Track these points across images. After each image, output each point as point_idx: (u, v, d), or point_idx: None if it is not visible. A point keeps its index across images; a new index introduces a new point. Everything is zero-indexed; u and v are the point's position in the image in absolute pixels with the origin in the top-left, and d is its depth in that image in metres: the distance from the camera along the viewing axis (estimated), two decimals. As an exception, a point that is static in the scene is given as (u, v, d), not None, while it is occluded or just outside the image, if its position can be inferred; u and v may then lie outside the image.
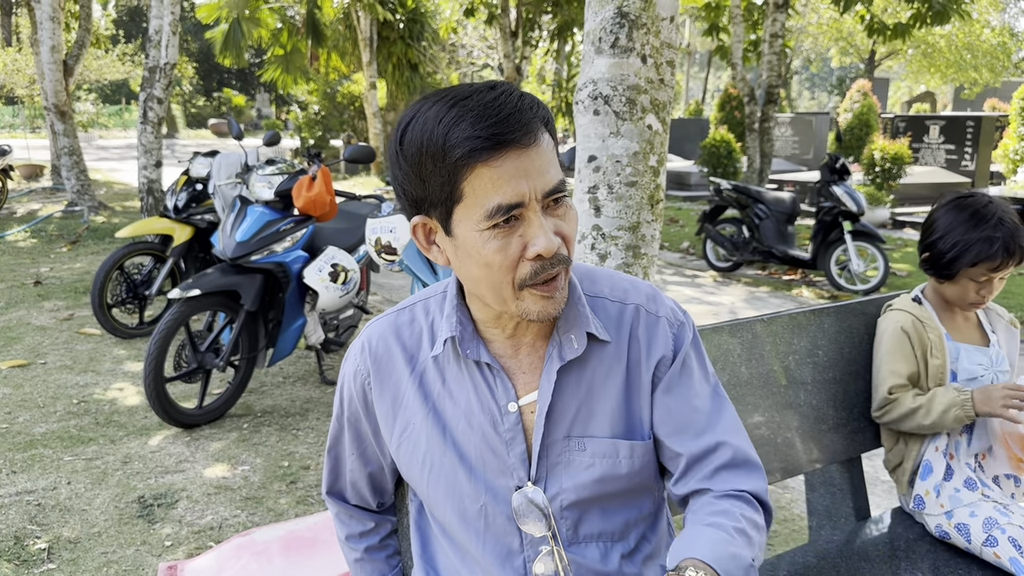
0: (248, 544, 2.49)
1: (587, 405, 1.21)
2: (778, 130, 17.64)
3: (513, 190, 1.04)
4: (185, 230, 5.44)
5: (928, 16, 11.49)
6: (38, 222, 10.37)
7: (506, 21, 15.22)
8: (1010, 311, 6.63)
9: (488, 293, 1.12)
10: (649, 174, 2.42)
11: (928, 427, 1.93)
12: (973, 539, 1.89)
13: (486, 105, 1.03)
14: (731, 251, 8.41)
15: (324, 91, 21.44)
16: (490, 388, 1.21)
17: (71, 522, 3.05)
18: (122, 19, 39.63)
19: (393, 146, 1.11)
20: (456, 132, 1.02)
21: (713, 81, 44.51)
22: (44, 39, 10.63)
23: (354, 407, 1.32)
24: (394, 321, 1.29)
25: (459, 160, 1.03)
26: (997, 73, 30.11)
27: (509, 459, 1.21)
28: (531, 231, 1.06)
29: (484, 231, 1.06)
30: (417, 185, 1.09)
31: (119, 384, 4.58)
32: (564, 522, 1.21)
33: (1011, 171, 15.03)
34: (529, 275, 1.08)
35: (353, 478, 1.39)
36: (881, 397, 2.00)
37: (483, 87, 1.06)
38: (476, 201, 1.05)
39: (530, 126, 1.05)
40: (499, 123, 1.02)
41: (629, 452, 1.21)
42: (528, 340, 1.22)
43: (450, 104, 1.04)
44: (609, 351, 1.22)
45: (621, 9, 2.31)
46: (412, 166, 1.08)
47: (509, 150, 1.03)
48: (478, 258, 1.08)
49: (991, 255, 1.87)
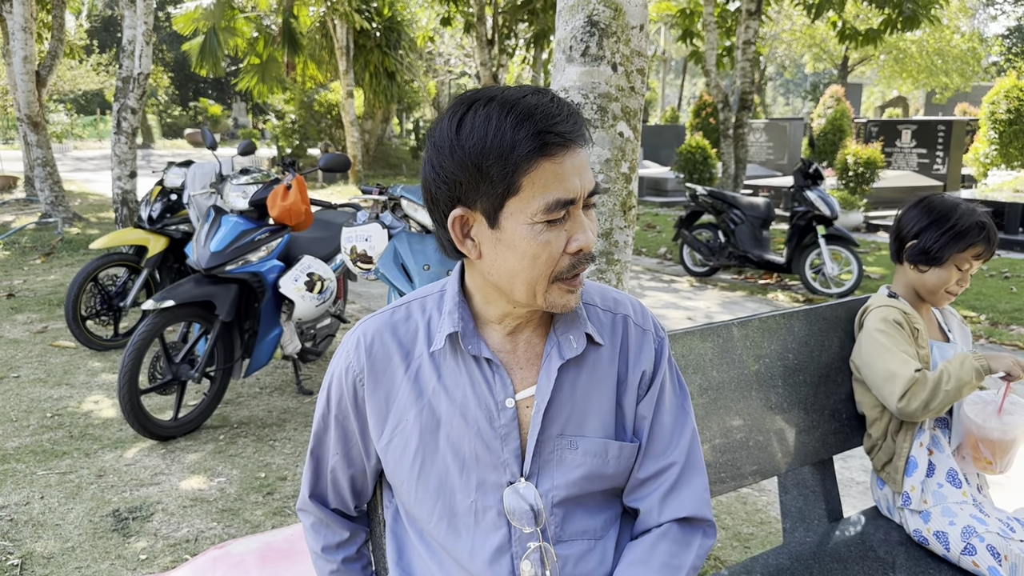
0: (224, 556, 2.48)
1: (582, 405, 1.26)
2: (753, 136, 17.78)
3: (570, 186, 1.11)
4: (160, 241, 5.40)
5: (899, 22, 11.64)
6: (11, 234, 10.25)
7: (483, 30, 15.24)
8: (982, 313, 6.74)
9: (521, 286, 1.16)
10: (621, 181, 2.44)
11: (954, 391, 1.91)
12: (952, 547, 1.91)
13: (546, 105, 1.11)
14: (707, 256, 8.47)
15: (301, 100, 21.38)
16: (488, 383, 1.24)
17: (44, 537, 3.02)
18: (96, 29, 39.29)
19: (446, 134, 1.13)
20: (526, 127, 1.09)
21: (689, 88, 44.80)
22: (16, 49, 10.52)
23: (343, 404, 1.32)
24: (390, 318, 1.31)
25: (528, 153, 1.09)
26: (967, 78, 30.57)
27: (503, 454, 1.23)
28: (576, 227, 1.14)
29: (536, 224, 1.12)
30: (473, 175, 1.12)
31: (94, 397, 4.53)
32: (552, 519, 1.24)
33: (982, 174, 15.26)
34: (567, 268, 1.15)
35: (335, 479, 1.39)
36: (906, 380, 1.94)
37: (530, 91, 1.14)
38: (534, 194, 1.11)
39: (582, 129, 1.14)
40: (563, 122, 1.10)
41: (618, 452, 1.27)
42: (525, 336, 1.27)
43: (511, 103, 1.11)
44: (603, 354, 1.28)
45: (591, 18, 2.33)
46: (471, 155, 1.11)
47: (570, 149, 1.11)
48: (525, 250, 1.13)
49: (978, 241, 2.00)
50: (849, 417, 2.22)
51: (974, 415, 1.98)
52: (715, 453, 1.94)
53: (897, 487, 2.06)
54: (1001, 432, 1.95)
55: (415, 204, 3.50)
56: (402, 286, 3.35)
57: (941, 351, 2.07)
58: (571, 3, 2.38)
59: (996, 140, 14.97)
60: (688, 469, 1.31)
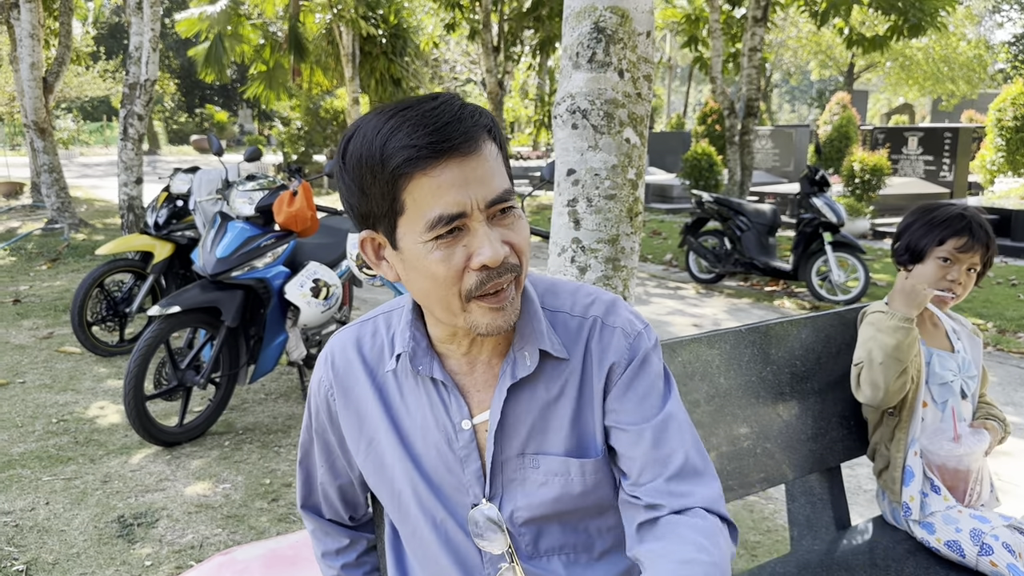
0: (229, 563, 2.47)
1: (541, 422, 1.19)
2: (758, 143, 17.77)
3: (454, 200, 1.02)
4: (165, 247, 5.41)
5: (905, 29, 11.63)
6: (18, 240, 10.28)
7: (488, 36, 15.27)
8: (989, 320, 6.72)
9: (436, 306, 1.10)
10: (628, 187, 2.43)
11: (887, 356, 1.90)
12: (967, 553, 1.88)
13: (425, 114, 1.02)
14: (713, 263, 8.45)
15: (307, 106, 21.44)
16: (444, 405, 1.20)
17: (49, 543, 3.01)
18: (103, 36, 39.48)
19: (336, 161, 1.10)
20: (394, 142, 1.01)
21: (694, 94, 44.83)
22: (24, 56, 10.58)
23: (320, 419, 1.31)
24: (356, 333, 1.28)
25: (397, 170, 1.01)
26: (974, 85, 30.55)
27: (464, 476, 1.20)
28: (475, 241, 1.04)
29: (427, 242, 1.04)
30: (360, 199, 1.07)
31: (99, 403, 4.54)
32: (523, 538, 1.21)
33: (989, 181, 15.21)
34: (475, 286, 1.05)
35: (325, 491, 1.38)
36: (855, 372, 2.02)
37: (426, 98, 1.05)
38: (418, 212, 1.03)
39: (470, 134, 1.03)
40: (437, 131, 1.00)
41: (580, 470, 1.19)
42: (484, 358, 1.21)
43: (390, 115, 1.03)
44: (563, 368, 1.19)
45: (598, 24, 2.33)
46: (354, 179, 1.06)
47: (448, 159, 1.01)
48: (423, 270, 1.06)
49: (958, 232, 1.97)
50: (857, 424, 2.20)
51: (928, 442, 1.98)
52: (722, 461, 1.93)
53: (896, 497, 2.04)
54: (956, 460, 1.95)
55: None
56: (408, 292, 3.35)
57: (941, 361, 2.04)
58: (578, 9, 2.38)
59: (1003, 147, 14.93)
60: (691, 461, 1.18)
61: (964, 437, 1.96)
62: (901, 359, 1.90)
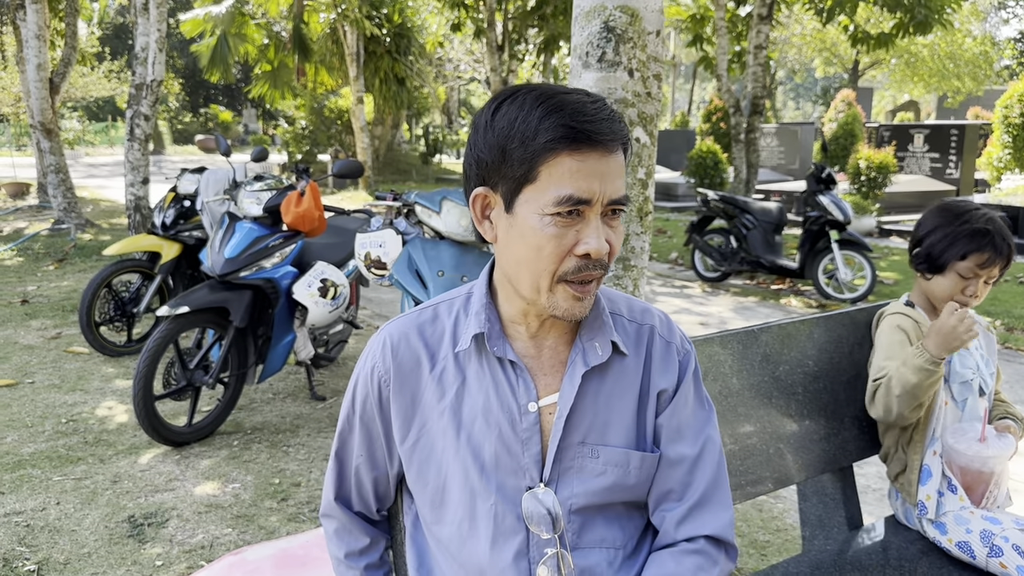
0: (239, 563, 2.48)
1: (604, 413, 1.25)
2: (764, 140, 17.75)
3: (587, 186, 1.10)
4: (173, 247, 5.42)
5: (910, 26, 11.61)
6: (25, 240, 10.31)
7: (493, 35, 15.28)
8: (997, 318, 6.70)
9: (526, 278, 1.17)
10: (638, 186, 2.43)
11: (906, 395, 1.85)
12: (977, 554, 1.87)
13: (585, 104, 1.11)
14: (719, 261, 8.44)
15: (311, 106, 21.45)
16: (511, 387, 1.24)
17: (60, 543, 3.02)
18: (108, 36, 39.53)
19: (483, 116, 1.17)
20: (554, 118, 1.09)
21: (699, 93, 44.76)
22: (30, 57, 10.60)
23: (368, 406, 1.32)
24: (416, 319, 1.32)
25: (549, 143, 1.09)
26: (979, 81, 30.45)
27: (523, 459, 1.23)
28: (587, 230, 1.12)
29: (546, 215, 1.11)
30: (495, 156, 1.14)
31: (108, 403, 4.55)
32: (570, 526, 1.24)
33: (995, 178, 15.16)
34: (572, 270, 1.14)
35: (359, 480, 1.39)
36: (872, 387, 1.97)
37: (577, 91, 1.14)
38: (550, 185, 1.11)
39: (618, 135, 1.13)
40: (594, 123, 1.10)
41: (639, 463, 1.26)
42: (550, 343, 1.27)
43: (551, 94, 1.12)
44: (628, 364, 1.28)
45: (608, 24, 2.33)
46: (498, 137, 1.13)
47: (595, 149, 1.10)
48: (532, 240, 1.13)
49: (981, 247, 1.91)
50: (870, 424, 2.20)
51: (954, 442, 1.95)
52: (734, 460, 1.92)
53: (912, 499, 2.03)
54: (981, 462, 1.93)
55: (429, 210, 3.50)
56: (416, 292, 3.35)
57: (962, 359, 2.02)
58: (587, 9, 2.37)
59: (1009, 144, 14.87)
60: (713, 488, 1.30)
61: (991, 439, 1.93)
62: (919, 396, 1.86)
